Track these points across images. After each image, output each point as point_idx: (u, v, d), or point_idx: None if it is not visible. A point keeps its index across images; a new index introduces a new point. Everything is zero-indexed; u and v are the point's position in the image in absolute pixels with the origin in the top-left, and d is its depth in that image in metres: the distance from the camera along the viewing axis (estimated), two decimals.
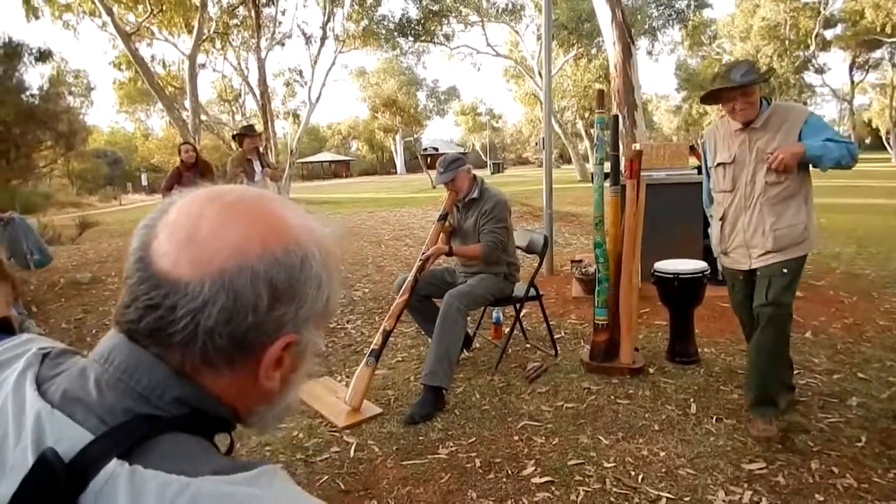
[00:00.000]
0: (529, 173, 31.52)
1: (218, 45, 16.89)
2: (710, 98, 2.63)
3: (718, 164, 2.69)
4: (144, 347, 0.52)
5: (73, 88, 23.42)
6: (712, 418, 2.81)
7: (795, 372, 3.27)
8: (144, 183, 38.80)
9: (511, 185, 19.77)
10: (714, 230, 2.78)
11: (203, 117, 15.82)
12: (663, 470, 2.41)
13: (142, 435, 0.48)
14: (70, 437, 0.47)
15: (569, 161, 30.26)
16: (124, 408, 0.50)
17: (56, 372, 0.54)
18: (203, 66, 17.39)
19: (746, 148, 2.59)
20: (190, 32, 14.05)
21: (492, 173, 36.73)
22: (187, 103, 13.67)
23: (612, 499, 2.24)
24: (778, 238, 2.53)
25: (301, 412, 3.09)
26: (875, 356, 3.43)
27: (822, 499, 2.18)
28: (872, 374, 3.18)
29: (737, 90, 2.50)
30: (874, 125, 37.00)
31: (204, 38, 14.69)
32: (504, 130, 61.04)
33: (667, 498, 2.22)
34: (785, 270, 2.52)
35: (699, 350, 3.55)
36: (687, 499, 2.22)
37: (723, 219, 2.69)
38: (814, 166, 2.50)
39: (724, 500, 2.20)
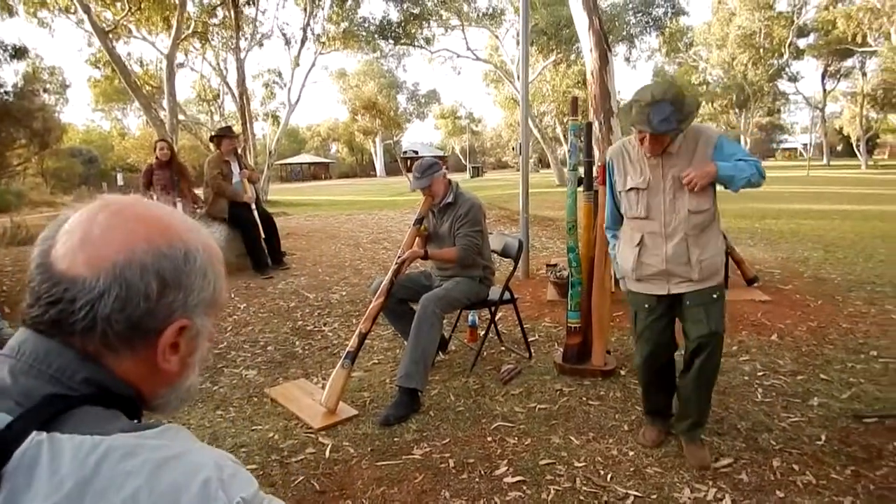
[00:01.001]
0: (508, 177, 31.68)
1: (197, 44, 16.74)
2: (622, 119, 2.45)
3: (630, 189, 2.50)
4: (50, 338, 0.59)
5: (47, 86, 23.00)
6: None
7: (761, 373, 3.38)
8: (120, 183, 38.22)
9: (490, 189, 19.87)
10: (625, 255, 2.58)
11: (181, 117, 15.66)
12: (632, 469, 2.48)
13: (57, 410, 0.54)
14: None
15: (547, 166, 30.47)
16: (39, 390, 0.56)
17: None
18: (181, 65, 17.25)
19: (660, 174, 2.43)
20: (168, 31, 13.93)
21: (471, 177, 36.84)
22: (165, 103, 13.53)
23: (581, 497, 2.29)
24: (703, 269, 2.42)
25: (277, 413, 3.11)
26: (837, 358, 3.55)
27: (782, 495, 2.25)
28: (834, 375, 3.28)
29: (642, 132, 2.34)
30: (845, 132, 37.83)
31: (182, 37, 14.56)
32: (484, 134, 61.26)
33: (634, 496, 2.28)
34: (715, 296, 2.45)
35: None
36: (654, 496, 2.28)
37: (639, 245, 2.51)
38: (725, 187, 2.41)
39: (689, 498, 2.27)
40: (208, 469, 0.54)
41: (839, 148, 48.91)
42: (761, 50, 33.72)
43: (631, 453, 2.59)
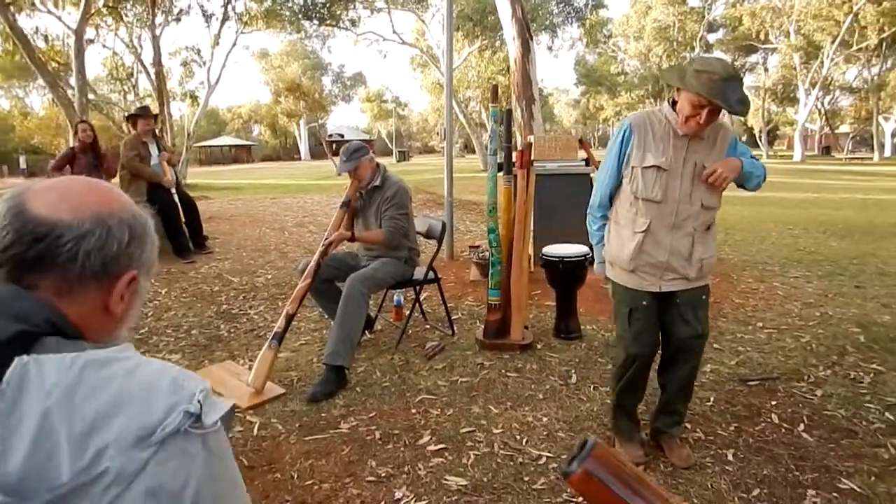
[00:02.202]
0: (435, 162, 31.84)
1: (109, 20, 15.81)
2: (679, 84, 2.14)
3: (650, 167, 2.22)
4: (14, 283, 0.69)
5: None
6: (590, 387, 3.12)
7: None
8: (23, 166, 35.67)
9: (416, 174, 19.96)
10: (623, 241, 2.32)
11: (91, 96, 14.77)
12: (545, 433, 2.68)
13: (29, 341, 0.64)
14: None
15: (473, 151, 30.82)
16: (6, 330, 0.63)
17: None
18: (91, 41, 16.22)
19: (682, 157, 2.21)
20: (76, 5, 13.09)
21: (397, 161, 36.79)
22: (73, 81, 12.76)
23: (499, 460, 2.47)
24: (703, 268, 2.30)
25: None
26: (728, 329, 3.91)
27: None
28: (725, 345, 3.63)
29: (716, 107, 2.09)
30: (749, 124, 40.25)
31: (93, 11, 13.74)
32: (410, 118, 61.07)
33: (546, 456, 2.48)
34: (704, 297, 2.36)
35: (582, 327, 3.89)
36: (564, 456, 2.48)
37: (644, 232, 2.26)
38: (739, 185, 2.29)
39: None
40: (172, 370, 0.66)
41: (743, 139, 51.57)
42: (675, 43, 35.29)
43: (545, 419, 2.80)
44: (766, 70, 36.28)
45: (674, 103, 2.23)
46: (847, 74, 35.69)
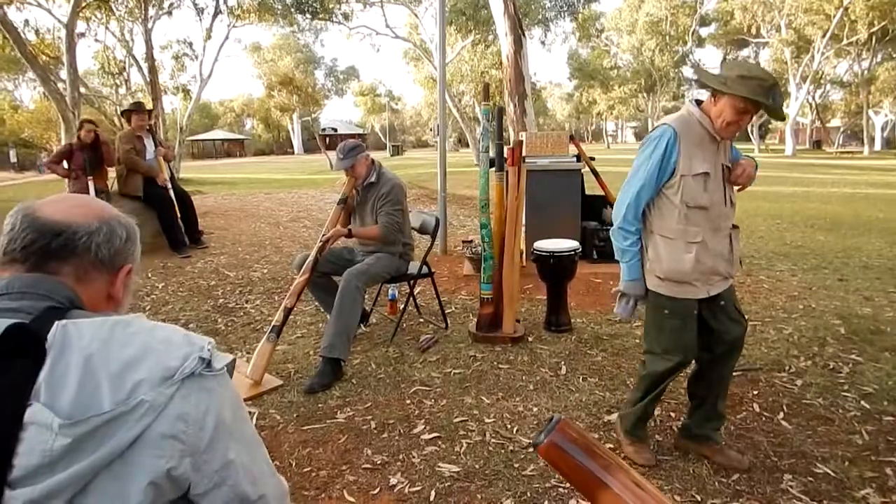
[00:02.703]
0: (428, 156, 31.88)
1: (100, 14, 15.72)
2: (725, 88, 2.09)
3: (700, 174, 2.17)
4: (38, 271, 0.84)
5: None
6: (579, 378, 3.22)
7: None
8: (13, 159, 35.43)
9: (409, 168, 20.01)
10: (677, 255, 2.21)
11: (82, 90, 14.71)
12: (535, 422, 2.77)
13: (61, 312, 0.79)
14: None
15: (467, 145, 30.87)
16: (38, 305, 0.79)
17: None
18: (83, 35, 16.11)
19: (718, 160, 2.22)
20: None
21: (391, 155, 36.79)
22: (64, 74, 12.72)
23: (490, 448, 2.56)
24: (734, 264, 2.32)
25: None
26: None
27: (660, 438, 2.62)
28: None
29: (757, 110, 2.14)
30: None
31: (84, 4, 13.68)
32: (404, 113, 61.05)
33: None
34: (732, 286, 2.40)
35: (572, 320, 3.98)
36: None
37: (699, 242, 2.20)
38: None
39: None
40: (183, 330, 0.83)
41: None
42: (667, 37, 35.42)
43: (535, 409, 2.89)
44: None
45: (697, 103, 2.22)
46: (838, 68, 36.00)
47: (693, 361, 2.43)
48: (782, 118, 2.20)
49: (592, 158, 5.70)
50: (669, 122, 2.21)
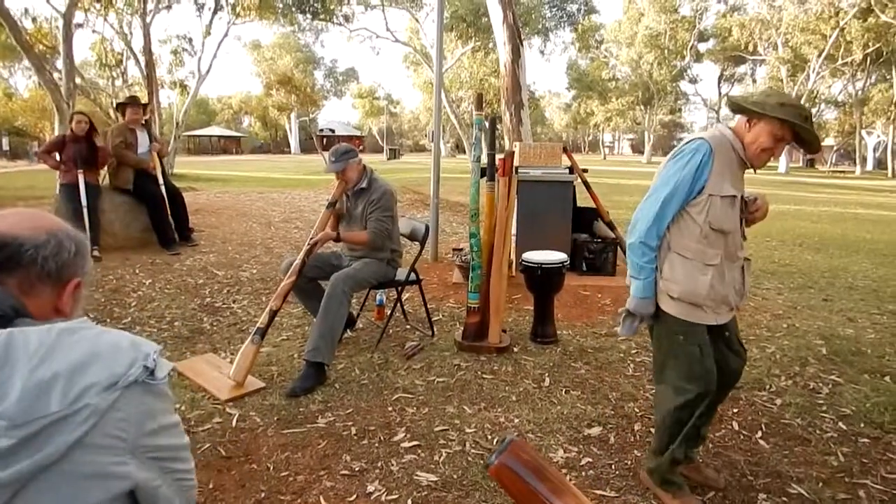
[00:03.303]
0: (425, 161, 31.89)
1: (98, 5, 15.68)
2: (766, 112, 2.04)
3: (728, 196, 2.11)
4: None
5: None
6: (562, 390, 3.23)
7: (634, 351, 3.81)
8: (6, 147, 35.23)
9: (405, 173, 20.00)
10: (694, 276, 2.12)
11: (78, 81, 14.63)
12: (515, 434, 2.78)
13: (6, 320, 0.83)
14: None
15: (464, 151, 30.92)
16: None
17: None
18: (80, 26, 16.06)
19: (741, 189, 2.17)
20: None
21: (388, 159, 36.80)
22: (60, 64, 12.66)
23: (469, 458, 2.57)
24: (743, 297, 2.28)
25: (184, 386, 3.19)
26: None
27: (639, 454, 2.62)
28: None
29: (792, 138, 2.11)
30: None
31: None
32: (402, 116, 61.10)
33: None
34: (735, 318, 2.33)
35: (559, 332, 4.00)
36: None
37: (716, 266, 2.13)
38: None
39: (562, 457, 2.59)
40: (129, 335, 0.86)
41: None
42: (666, 51, 35.65)
43: (516, 420, 2.90)
44: (754, 81, 36.80)
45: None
46: (832, 88, 36.32)
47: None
48: (818, 149, 2.15)
49: (585, 170, 5.73)
50: (706, 137, 2.12)
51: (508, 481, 0.77)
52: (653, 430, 2.79)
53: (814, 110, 37.32)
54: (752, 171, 2.19)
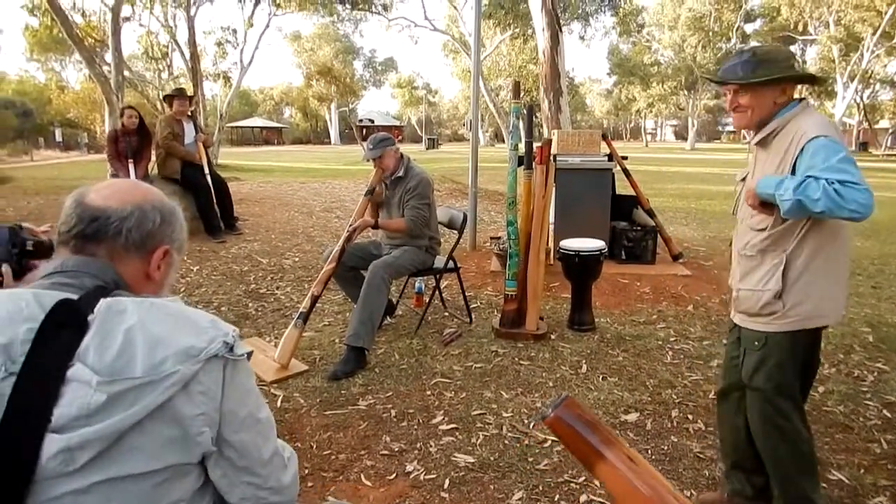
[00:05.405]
0: (463, 150, 31.85)
1: None
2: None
3: (739, 180, 2.05)
4: (80, 254, 0.95)
5: None
6: (599, 377, 3.25)
7: (673, 339, 3.78)
8: (59, 139, 36.55)
9: (444, 162, 20.06)
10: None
11: (126, 73, 15.12)
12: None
13: (106, 291, 0.90)
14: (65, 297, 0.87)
15: (503, 140, 30.76)
16: (88, 283, 0.91)
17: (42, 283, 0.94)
18: (128, 19, 16.56)
19: (752, 167, 1.98)
20: None
21: (426, 148, 36.89)
22: (109, 58, 13.09)
23: (506, 441, 2.62)
24: (740, 300, 1.97)
25: None
26: None
27: (676, 440, 2.63)
28: None
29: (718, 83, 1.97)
30: None
31: None
32: (441, 105, 61.06)
33: (551, 440, 2.61)
34: (757, 343, 1.92)
35: (596, 320, 4.00)
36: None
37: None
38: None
39: None
40: (211, 315, 0.94)
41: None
42: (710, 33, 34.65)
43: None
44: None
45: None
46: (888, 67, 34.73)
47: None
48: (717, 81, 1.98)
49: (625, 158, 5.68)
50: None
51: (562, 432, 0.85)
52: (689, 416, 2.81)
53: (867, 91, 35.89)
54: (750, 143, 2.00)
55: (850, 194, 1.61)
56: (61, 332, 0.82)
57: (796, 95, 1.93)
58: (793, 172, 1.76)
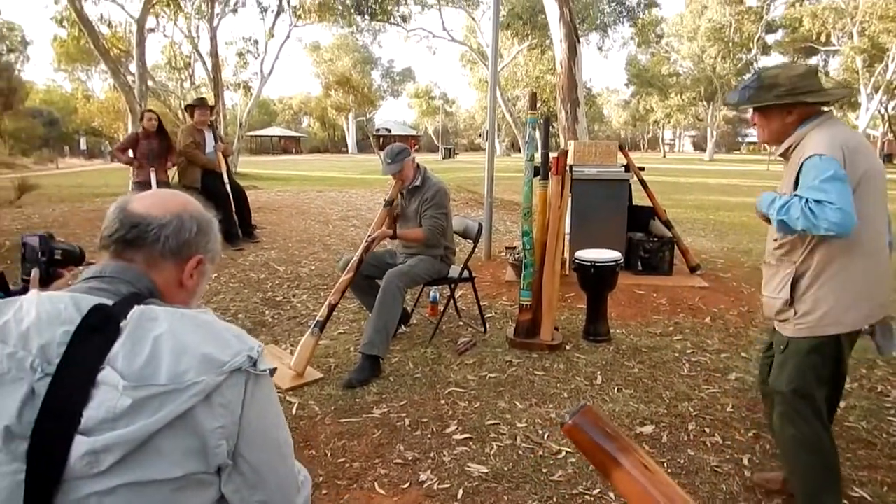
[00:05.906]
0: (480, 160, 31.88)
1: (169, 10, 16.44)
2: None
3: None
4: (119, 259, 0.99)
5: (6, 43, 22.26)
6: (614, 388, 3.22)
7: (690, 351, 3.75)
8: (83, 147, 37.24)
9: (460, 172, 20.12)
10: None
11: (150, 83, 15.40)
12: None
13: (141, 298, 0.93)
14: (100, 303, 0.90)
15: (519, 150, 30.77)
16: (123, 290, 0.94)
17: (81, 286, 0.97)
18: (152, 30, 16.89)
19: (784, 184, 2.01)
20: None
21: (443, 158, 37.00)
22: (134, 68, 13.35)
23: (520, 452, 2.61)
24: (763, 305, 2.12)
25: None
26: (759, 339, 3.93)
27: (692, 453, 2.60)
28: (753, 354, 3.66)
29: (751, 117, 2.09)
30: None
31: (154, 1, 14.32)
32: (457, 115, 61.28)
33: (566, 451, 2.60)
34: (781, 346, 2.03)
35: (612, 331, 3.97)
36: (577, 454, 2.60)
37: None
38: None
39: None
40: (238, 329, 0.95)
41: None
42: (730, 44, 34.44)
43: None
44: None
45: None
46: None
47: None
48: (728, 103, 2.16)
49: (642, 168, 5.65)
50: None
51: (580, 439, 0.85)
52: (706, 429, 2.78)
53: (892, 102, 35.35)
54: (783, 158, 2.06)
55: (822, 213, 1.72)
56: (94, 336, 0.84)
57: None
58: (795, 188, 1.87)
